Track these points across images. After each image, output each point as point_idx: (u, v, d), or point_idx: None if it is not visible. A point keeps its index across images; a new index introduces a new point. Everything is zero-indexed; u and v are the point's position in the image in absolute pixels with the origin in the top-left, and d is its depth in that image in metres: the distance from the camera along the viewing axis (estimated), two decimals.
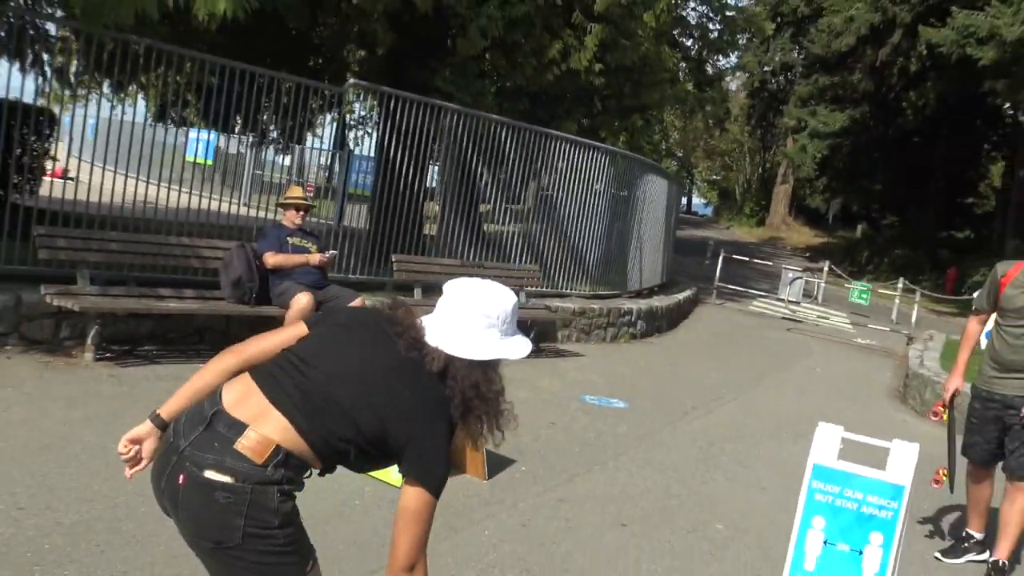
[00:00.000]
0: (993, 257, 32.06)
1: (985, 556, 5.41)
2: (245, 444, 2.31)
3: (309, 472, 2.45)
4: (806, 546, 3.83)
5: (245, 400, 2.39)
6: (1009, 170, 36.24)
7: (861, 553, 3.75)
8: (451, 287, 2.61)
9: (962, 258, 33.90)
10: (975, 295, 16.12)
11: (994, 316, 5.49)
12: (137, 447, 2.61)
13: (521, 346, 2.57)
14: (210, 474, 2.29)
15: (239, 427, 2.33)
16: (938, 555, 5.54)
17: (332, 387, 2.40)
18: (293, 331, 2.62)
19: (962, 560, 5.46)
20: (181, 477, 2.33)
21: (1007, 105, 32.76)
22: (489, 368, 2.51)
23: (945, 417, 5.70)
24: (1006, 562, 5.18)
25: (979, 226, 41.93)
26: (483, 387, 2.47)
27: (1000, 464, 5.38)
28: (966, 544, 5.54)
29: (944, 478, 5.39)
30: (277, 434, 2.34)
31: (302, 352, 2.49)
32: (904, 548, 3.89)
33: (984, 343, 5.70)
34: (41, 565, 3.81)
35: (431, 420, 2.43)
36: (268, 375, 2.44)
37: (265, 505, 2.31)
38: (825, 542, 3.81)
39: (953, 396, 5.66)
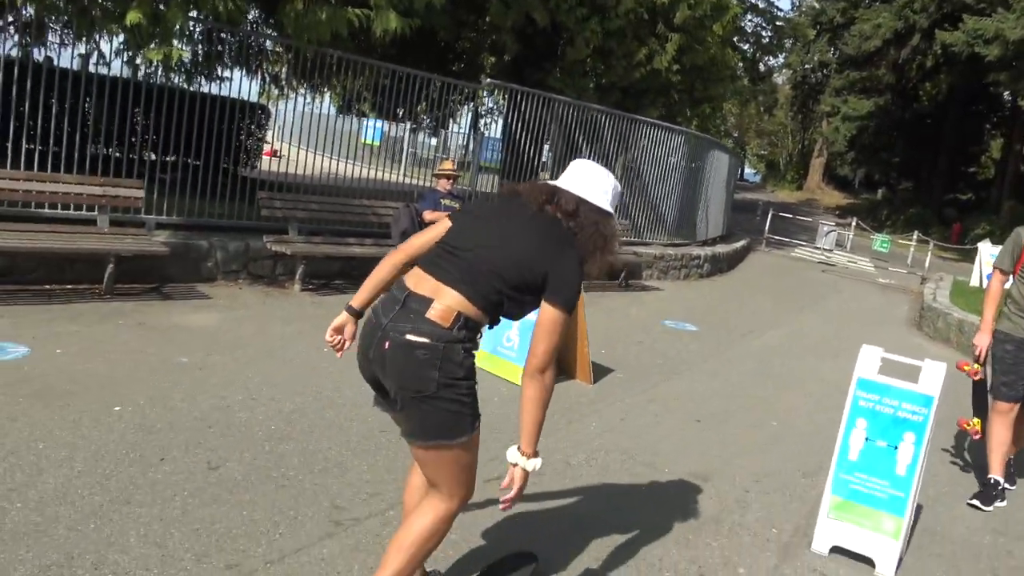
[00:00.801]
0: (991, 214, 30.46)
1: (1005, 503, 4.58)
2: (434, 313, 2.32)
3: (481, 332, 2.45)
4: (851, 441, 3.65)
5: (422, 284, 2.39)
6: (1007, 145, 34.26)
7: (896, 448, 3.56)
8: (579, 162, 2.65)
9: (966, 215, 32.33)
10: (987, 257, 15.38)
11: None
12: (340, 336, 2.75)
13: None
14: (411, 337, 2.30)
15: (426, 301, 2.34)
16: (976, 503, 4.48)
17: (479, 257, 2.40)
18: (439, 227, 2.58)
19: (992, 507, 4.48)
20: (386, 344, 2.34)
21: (1007, 93, 30.74)
22: (605, 215, 2.54)
23: (980, 375, 4.69)
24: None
25: (979, 190, 39.86)
26: (602, 226, 2.51)
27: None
28: (994, 491, 4.55)
29: (979, 428, 4.65)
30: (455, 303, 2.34)
31: (451, 240, 2.48)
32: (917, 562, 3.69)
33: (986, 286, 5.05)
34: (269, 441, 3.91)
35: (561, 250, 2.43)
36: (433, 264, 2.44)
37: (453, 359, 2.32)
38: (866, 439, 3.62)
39: (986, 353, 4.71)
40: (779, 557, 3.53)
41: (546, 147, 13.29)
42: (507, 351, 5.66)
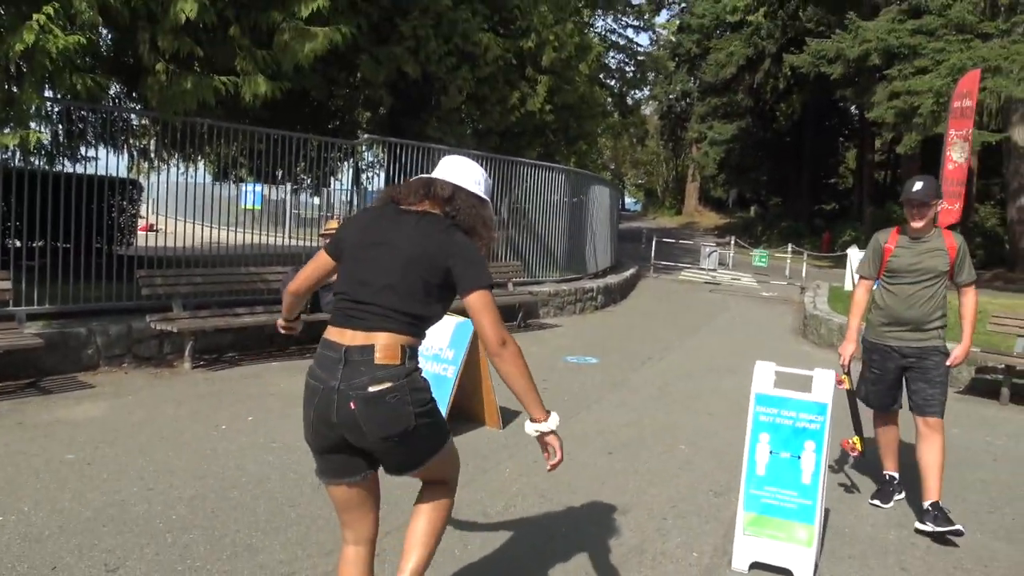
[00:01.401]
0: (855, 221, 32.38)
1: (903, 496, 4.67)
2: (381, 356, 2.37)
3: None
4: (756, 456, 3.75)
5: (351, 336, 2.41)
6: (860, 155, 36.66)
7: (799, 458, 3.68)
8: (450, 157, 2.72)
9: (833, 224, 34.23)
10: (856, 262, 16.20)
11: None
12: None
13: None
14: (372, 388, 2.35)
15: (367, 349, 2.38)
16: (875, 502, 4.60)
17: (384, 294, 2.43)
18: (319, 260, 2.69)
19: (892, 503, 4.60)
20: (351, 404, 2.35)
21: (854, 106, 32.97)
22: (481, 201, 2.63)
23: (847, 384, 4.56)
24: (938, 502, 4.24)
25: (841, 199, 42.52)
26: (479, 209, 2.60)
27: (899, 406, 4.63)
28: (891, 487, 4.67)
29: (858, 446, 4.57)
30: (392, 340, 2.40)
31: (349, 290, 2.49)
32: (831, 567, 3.83)
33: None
34: (171, 532, 3.69)
35: (450, 237, 2.50)
36: (348, 317, 2.45)
37: (418, 387, 2.44)
38: (771, 452, 3.73)
39: (849, 362, 4.65)
40: None
41: None
42: None
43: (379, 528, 2.72)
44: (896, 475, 4.73)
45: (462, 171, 2.64)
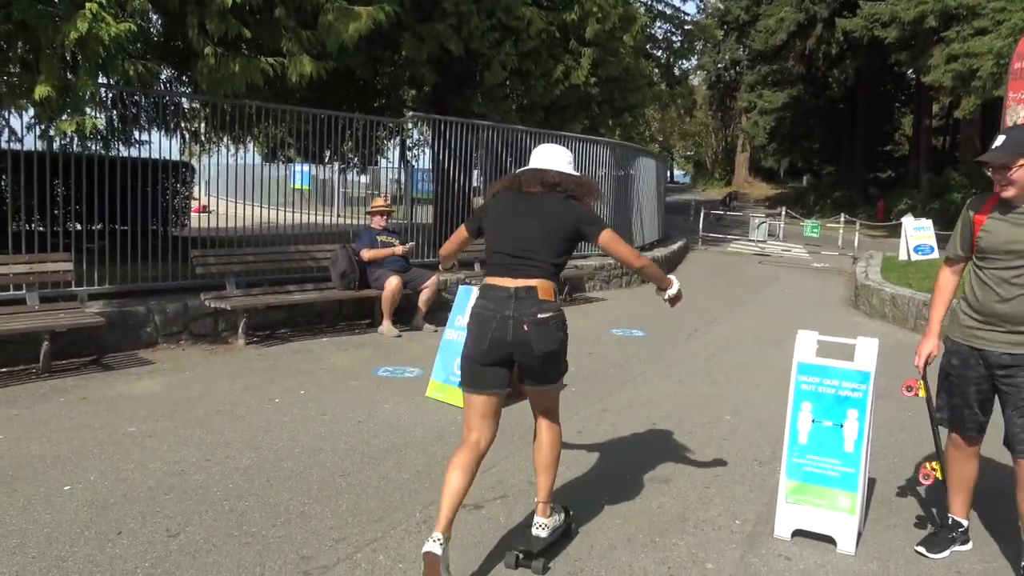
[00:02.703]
0: (911, 189, 31.56)
1: (968, 547, 3.69)
2: (542, 295, 3.19)
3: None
4: (799, 425, 3.76)
5: (513, 283, 3.19)
6: (917, 121, 35.63)
7: (842, 426, 3.68)
8: (541, 147, 3.52)
9: (888, 192, 33.46)
10: (911, 231, 15.86)
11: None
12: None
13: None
14: (541, 315, 3.16)
15: (532, 290, 3.18)
16: (920, 549, 3.61)
17: (530, 251, 3.22)
18: (460, 235, 3.58)
19: (947, 553, 3.61)
20: (524, 326, 3.14)
21: (910, 71, 32.01)
22: (575, 176, 3.42)
23: (922, 392, 3.75)
24: None
25: (897, 167, 41.39)
26: (578, 181, 3.41)
27: (982, 433, 3.56)
28: (952, 534, 3.67)
29: (934, 471, 3.76)
30: (547, 285, 3.22)
31: (503, 248, 3.27)
32: (876, 535, 3.79)
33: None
34: (228, 500, 3.85)
35: (568, 206, 3.30)
36: (508, 268, 3.23)
37: (564, 320, 3.30)
38: (813, 421, 3.74)
39: (927, 363, 3.67)
40: (744, 548, 3.61)
41: (476, 172, 13.39)
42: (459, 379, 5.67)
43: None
44: (964, 522, 3.71)
45: (557, 157, 3.44)
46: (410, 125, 11.83)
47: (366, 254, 8.00)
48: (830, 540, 3.64)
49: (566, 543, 3.56)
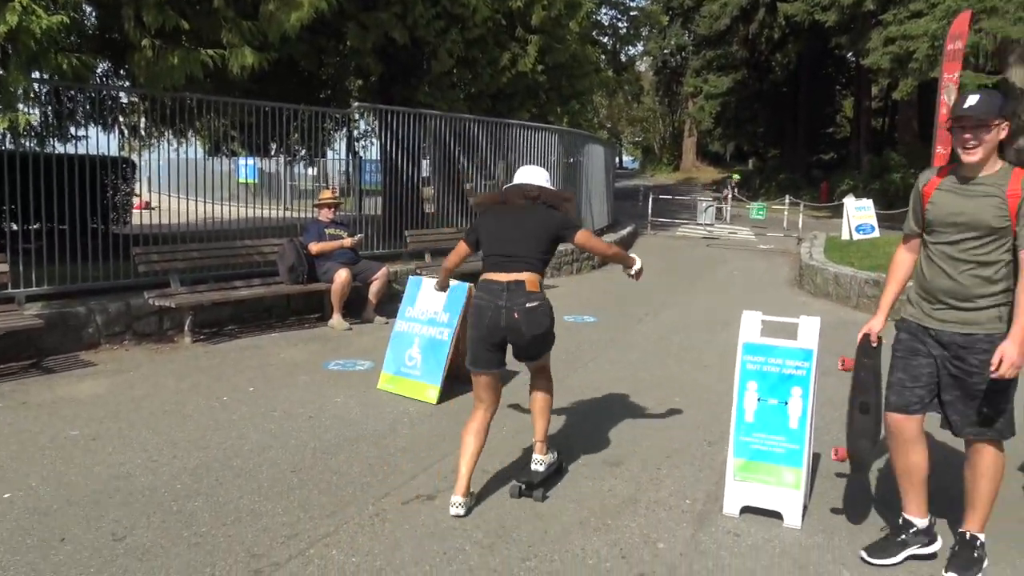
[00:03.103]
0: (853, 170, 32.21)
1: (933, 548, 3.38)
2: (530, 287, 3.82)
3: None
4: (745, 404, 3.82)
5: (506, 278, 3.81)
6: (857, 103, 36.36)
7: (786, 404, 3.75)
8: (523, 168, 4.23)
9: (831, 174, 34.04)
10: (852, 211, 16.22)
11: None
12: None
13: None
14: (528, 304, 3.78)
15: (521, 283, 3.80)
16: (865, 555, 3.35)
17: (519, 251, 3.87)
18: (460, 249, 4.22)
19: (899, 558, 3.32)
20: (515, 314, 3.77)
21: (850, 54, 32.63)
22: (551, 190, 4.11)
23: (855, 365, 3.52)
24: (976, 535, 3.29)
25: (839, 148, 42.22)
26: (558, 192, 4.25)
27: (921, 413, 3.31)
28: (904, 536, 3.37)
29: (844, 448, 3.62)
30: (534, 278, 3.84)
31: (495, 250, 3.92)
32: (821, 509, 3.89)
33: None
34: (176, 501, 3.78)
35: (550, 215, 3.97)
36: (500, 266, 3.87)
37: (549, 307, 3.92)
38: (759, 399, 3.80)
39: (864, 342, 3.47)
40: (695, 526, 3.66)
41: (425, 163, 13.30)
42: (410, 370, 5.65)
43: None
44: (919, 522, 3.39)
45: (536, 175, 4.14)
46: (357, 116, 11.67)
47: (314, 247, 7.90)
48: (777, 515, 3.72)
49: (558, 479, 4.20)
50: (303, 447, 4.53)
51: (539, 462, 4.12)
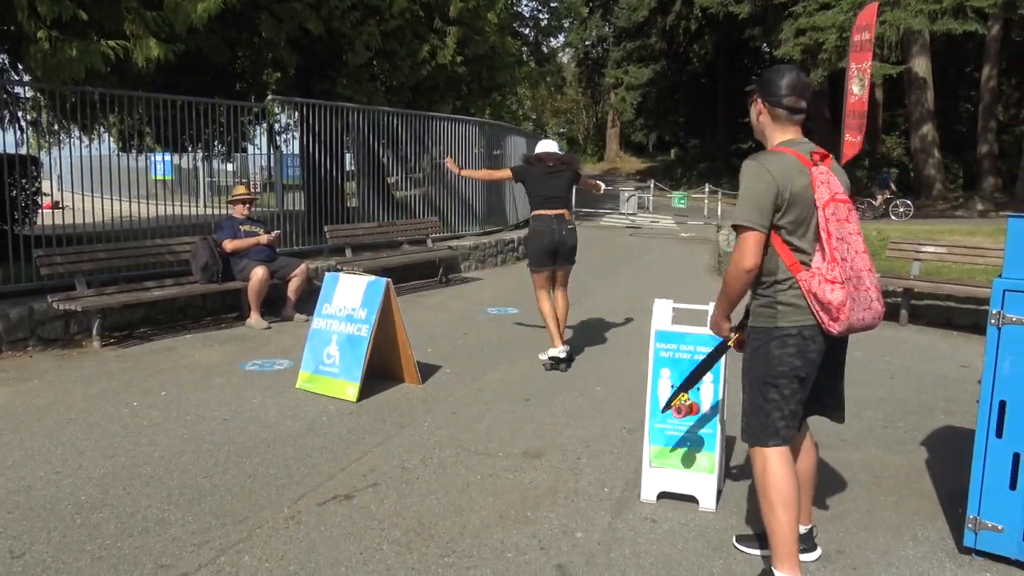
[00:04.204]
0: None
1: (816, 555, 3.28)
2: (568, 217, 6.31)
3: None
4: (659, 391, 3.86)
5: (556, 211, 6.22)
6: None
7: (699, 390, 3.80)
8: (544, 141, 6.61)
9: None
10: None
11: None
12: None
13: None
14: (570, 227, 6.27)
15: (562, 214, 6.23)
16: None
17: (557, 195, 6.27)
18: (504, 171, 7.11)
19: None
20: (564, 232, 6.18)
21: (764, 45, 33.44)
22: (566, 154, 6.49)
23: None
24: None
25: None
26: (572, 157, 6.58)
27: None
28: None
29: (685, 404, 3.71)
30: (568, 211, 6.35)
31: (543, 193, 6.27)
32: (735, 491, 3.95)
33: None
34: (80, 513, 3.62)
35: (573, 168, 6.45)
36: (548, 203, 6.26)
37: (576, 227, 6.43)
38: (672, 386, 3.85)
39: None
40: (613, 514, 3.69)
41: (349, 157, 13.10)
42: (329, 368, 5.54)
43: None
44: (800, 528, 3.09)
45: (555, 146, 6.52)
46: (277, 109, 11.40)
47: (228, 245, 7.68)
48: (693, 500, 3.78)
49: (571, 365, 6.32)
50: (216, 451, 4.40)
51: (563, 351, 6.29)
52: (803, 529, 3.21)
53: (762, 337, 2.91)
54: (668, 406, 3.73)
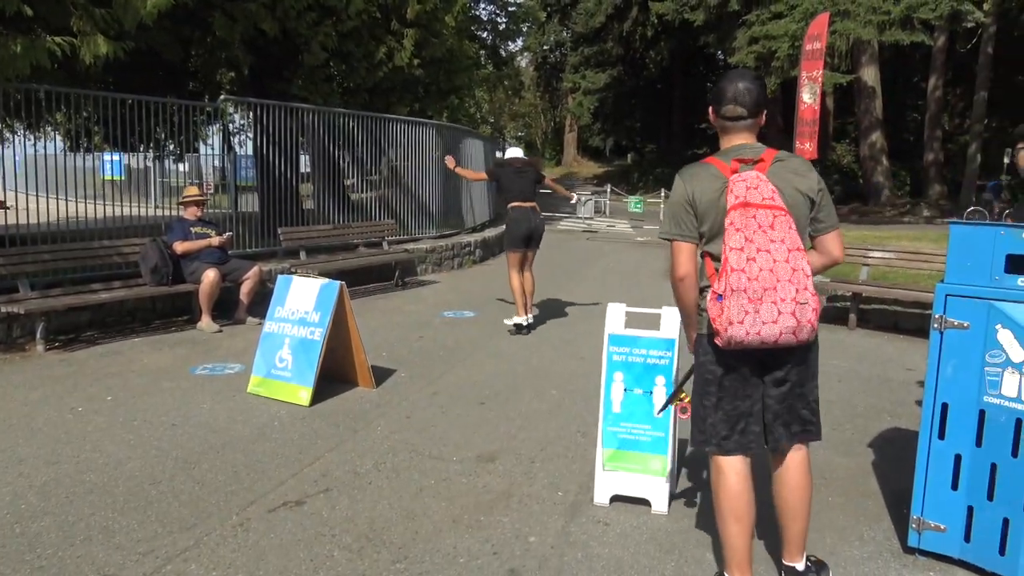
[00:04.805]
0: None
1: None
2: (538, 210, 7.91)
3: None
4: (612, 395, 3.88)
5: (528, 204, 7.78)
6: None
7: (651, 393, 3.83)
8: (513, 148, 8.83)
9: None
10: None
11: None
12: None
13: None
14: (541, 217, 7.93)
15: (534, 207, 7.81)
16: None
17: (526, 188, 7.82)
18: (482, 173, 9.51)
19: None
20: (537, 221, 7.81)
21: (718, 52, 33.92)
22: (529, 158, 7.66)
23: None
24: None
25: (712, 144, 43.14)
26: (536, 160, 6.59)
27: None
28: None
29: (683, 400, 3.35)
30: (535, 203, 7.88)
31: (514, 190, 7.81)
32: (687, 494, 3.99)
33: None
34: (20, 522, 3.51)
35: (535, 171, 8.07)
36: (521, 197, 7.76)
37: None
38: (625, 389, 3.86)
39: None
40: (566, 518, 3.69)
41: (304, 159, 12.95)
42: (281, 372, 5.46)
43: None
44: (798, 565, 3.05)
45: (520, 152, 8.48)
46: (231, 109, 11.22)
47: (179, 246, 7.54)
48: (645, 502, 3.80)
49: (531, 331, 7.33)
50: (164, 457, 4.31)
51: (526, 319, 7.78)
52: (794, 564, 3.02)
53: (698, 344, 2.95)
54: (665, 407, 3.62)
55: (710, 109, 3.01)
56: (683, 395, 3.38)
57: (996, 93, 24.47)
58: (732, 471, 2.91)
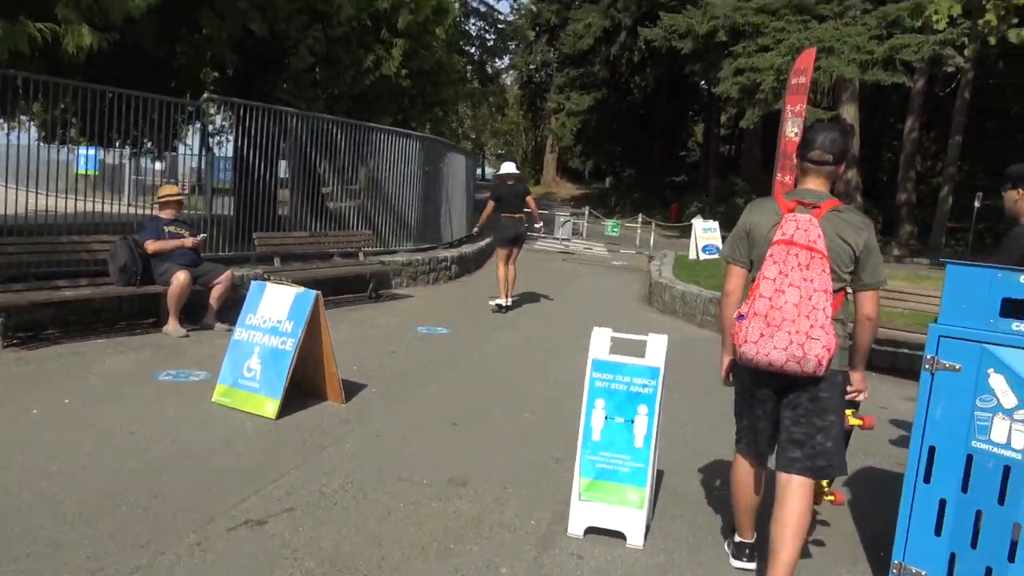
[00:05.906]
0: (702, 192, 33.75)
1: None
2: (524, 220, 10.07)
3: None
4: (592, 422, 3.76)
5: (516, 215, 9.89)
6: (707, 129, 38.19)
7: (632, 422, 3.72)
8: (506, 163, 10.81)
9: (681, 195, 35.51)
10: (700, 232, 16.92)
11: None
12: None
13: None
14: (525, 224, 10.13)
15: (521, 218, 10.01)
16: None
17: (515, 202, 9.90)
18: (490, 207, 10.19)
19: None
20: (522, 228, 10.01)
21: (703, 82, 34.23)
22: (518, 175, 10.40)
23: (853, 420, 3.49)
24: None
25: (691, 171, 44.15)
26: (521, 178, 10.41)
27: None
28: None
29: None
30: (522, 214, 10.01)
31: (506, 203, 9.85)
32: (663, 527, 3.89)
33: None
34: None
35: (525, 186, 10.27)
36: (512, 208, 9.90)
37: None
38: (606, 417, 3.75)
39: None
40: (539, 548, 3.55)
41: (284, 163, 12.75)
42: (248, 382, 5.27)
43: None
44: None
45: (513, 167, 10.49)
46: (213, 109, 11.04)
47: (151, 245, 7.33)
48: (620, 535, 3.67)
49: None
50: (120, 468, 4.11)
51: (507, 301, 9.90)
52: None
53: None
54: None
55: (795, 152, 3.26)
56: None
57: (969, 138, 24.87)
58: (741, 468, 3.45)
